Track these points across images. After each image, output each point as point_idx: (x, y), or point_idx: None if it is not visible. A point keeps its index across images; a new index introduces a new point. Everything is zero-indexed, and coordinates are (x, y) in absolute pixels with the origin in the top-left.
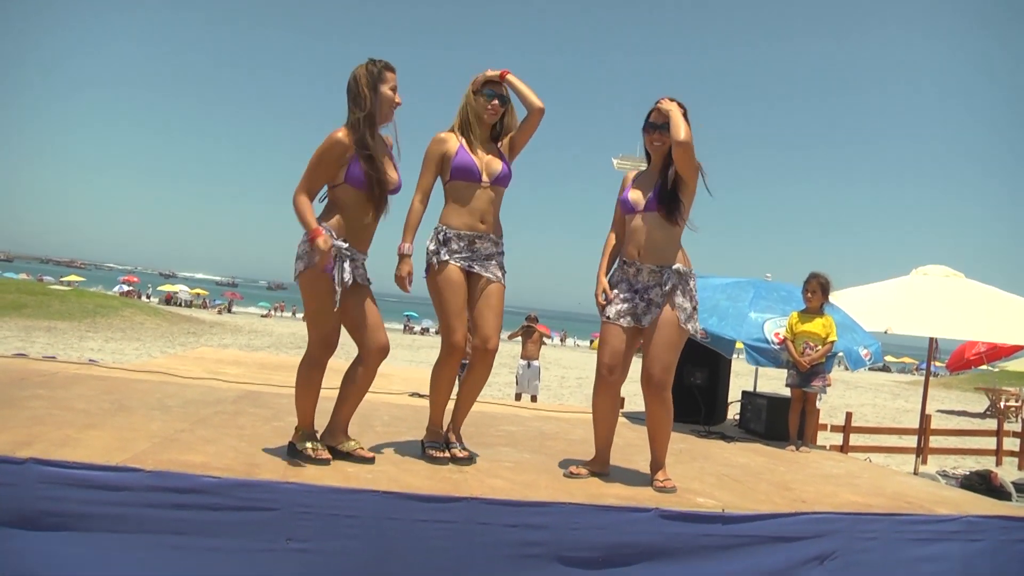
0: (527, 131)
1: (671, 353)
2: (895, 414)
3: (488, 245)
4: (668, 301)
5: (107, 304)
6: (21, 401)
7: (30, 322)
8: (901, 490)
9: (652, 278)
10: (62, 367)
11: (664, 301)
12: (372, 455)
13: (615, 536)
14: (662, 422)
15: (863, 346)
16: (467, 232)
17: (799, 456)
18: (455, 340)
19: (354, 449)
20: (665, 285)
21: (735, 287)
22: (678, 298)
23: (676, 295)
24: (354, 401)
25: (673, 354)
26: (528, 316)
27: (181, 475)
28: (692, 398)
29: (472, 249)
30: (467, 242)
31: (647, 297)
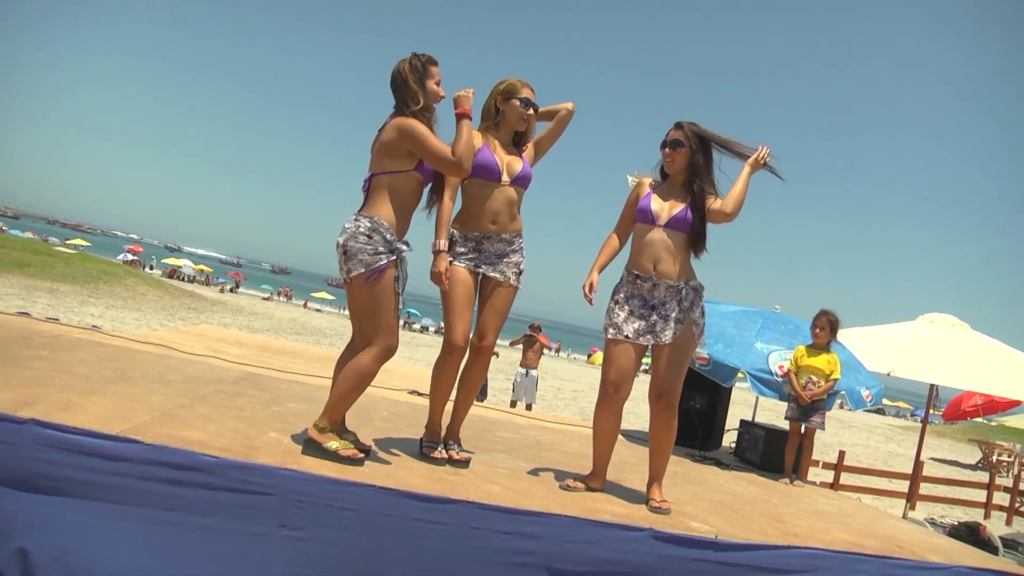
0: (556, 132)
1: (681, 369)
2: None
3: (500, 245)
4: (688, 318)
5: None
6: (24, 360)
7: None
8: (893, 533)
9: (669, 294)
10: (65, 330)
11: (684, 317)
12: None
13: (607, 552)
14: (666, 439)
15: (865, 387)
16: (474, 233)
17: (792, 489)
18: (453, 339)
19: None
20: (685, 301)
21: (743, 316)
22: (695, 315)
23: (693, 312)
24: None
25: (683, 370)
26: (531, 325)
27: (180, 451)
28: (690, 422)
29: (479, 250)
30: (474, 243)
31: (664, 313)
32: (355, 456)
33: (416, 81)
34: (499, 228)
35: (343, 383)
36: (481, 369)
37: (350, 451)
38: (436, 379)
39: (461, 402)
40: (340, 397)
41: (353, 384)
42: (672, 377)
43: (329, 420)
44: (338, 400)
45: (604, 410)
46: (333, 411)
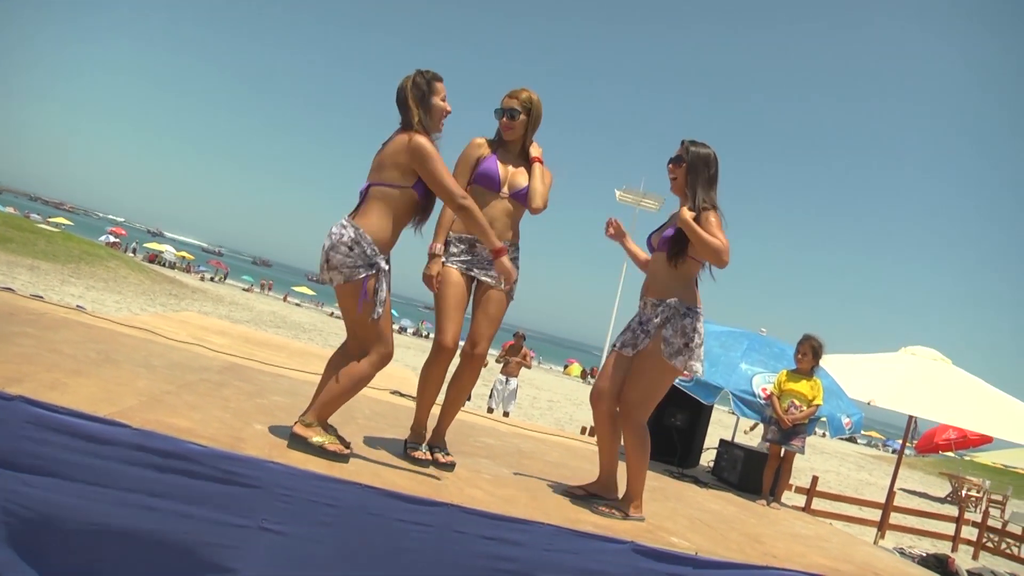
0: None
1: (646, 383)
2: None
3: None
4: (657, 333)
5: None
6: (10, 337)
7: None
8: (869, 560)
9: (652, 310)
10: (50, 308)
11: (655, 332)
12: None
13: (587, 563)
14: (631, 453)
15: (846, 415)
16: (468, 236)
17: (769, 512)
18: (442, 340)
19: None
20: (656, 317)
21: (729, 336)
22: (666, 331)
23: (665, 328)
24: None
25: (648, 384)
26: (515, 334)
27: (167, 438)
28: (669, 438)
29: (472, 252)
30: (467, 245)
31: (646, 328)
32: (341, 451)
33: (417, 100)
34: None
35: (338, 385)
36: (472, 376)
37: (336, 446)
38: (424, 380)
39: (449, 407)
40: (332, 399)
41: (347, 387)
42: (631, 389)
43: (316, 417)
44: (330, 401)
45: (595, 419)
46: (323, 410)
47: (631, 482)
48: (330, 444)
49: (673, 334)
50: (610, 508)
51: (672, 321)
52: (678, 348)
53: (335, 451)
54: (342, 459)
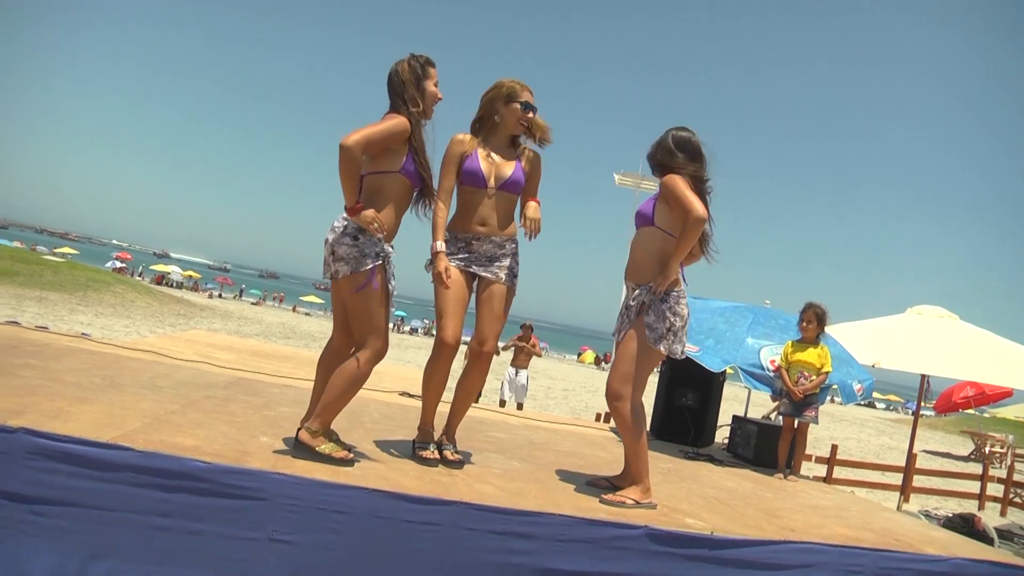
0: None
1: (630, 367)
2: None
3: (489, 247)
4: (638, 319)
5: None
6: (13, 369)
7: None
8: (889, 527)
9: (632, 295)
10: (55, 338)
11: (635, 319)
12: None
13: (601, 552)
14: (625, 438)
15: (857, 380)
16: (463, 233)
17: (787, 485)
18: (444, 337)
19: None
20: (634, 301)
21: (734, 311)
22: (648, 317)
23: (647, 315)
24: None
25: (632, 369)
26: (523, 324)
27: (171, 457)
28: (682, 419)
29: (469, 250)
30: (464, 243)
31: (629, 314)
32: (347, 458)
33: (414, 83)
34: (488, 231)
35: (335, 387)
36: (480, 374)
37: (342, 453)
38: (428, 379)
39: (459, 405)
40: (333, 401)
41: (345, 387)
42: (613, 376)
43: (321, 424)
44: (331, 404)
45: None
46: (325, 414)
47: (632, 467)
48: (336, 452)
49: (655, 319)
50: (619, 497)
51: (653, 306)
52: (661, 333)
53: (341, 458)
54: (348, 464)
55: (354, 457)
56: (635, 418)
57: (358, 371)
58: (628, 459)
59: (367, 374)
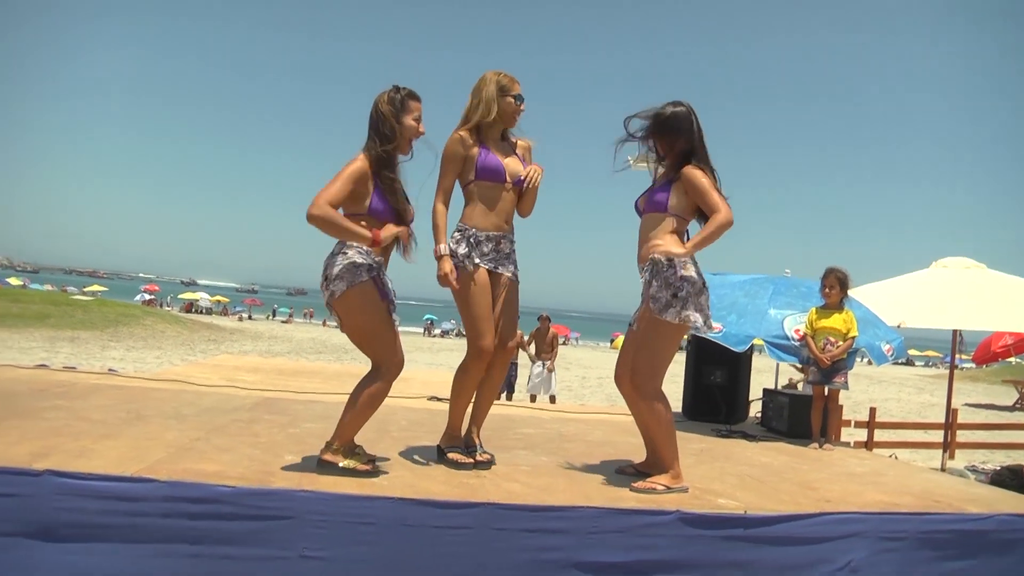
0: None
1: (648, 350)
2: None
3: (508, 245)
4: (645, 294)
5: (129, 313)
6: (40, 412)
7: (54, 332)
8: (929, 488)
9: (644, 276)
10: (82, 377)
11: (644, 295)
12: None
13: (635, 540)
14: (651, 425)
15: (885, 341)
16: (495, 233)
17: (823, 454)
18: (484, 344)
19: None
20: (642, 276)
21: (753, 284)
22: (652, 289)
23: (651, 286)
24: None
25: (650, 351)
26: (540, 316)
27: (195, 485)
28: (712, 397)
29: (498, 250)
30: (494, 243)
31: (642, 296)
32: (369, 470)
33: (392, 115)
34: (510, 228)
35: (353, 405)
36: (503, 371)
37: (364, 466)
38: (460, 384)
39: (483, 405)
40: (351, 420)
41: (363, 407)
42: (636, 360)
43: (341, 442)
44: (349, 423)
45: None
46: (345, 432)
47: (661, 454)
48: (357, 465)
49: (659, 288)
50: (649, 484)
51: (657, 277)
52: (666, 301)
53: (363, 471)
54: (371, 476)
55: (377, 469)
56: (661, 403)
57: (375, 389)
58: (656, 445)
59: (385, 392)
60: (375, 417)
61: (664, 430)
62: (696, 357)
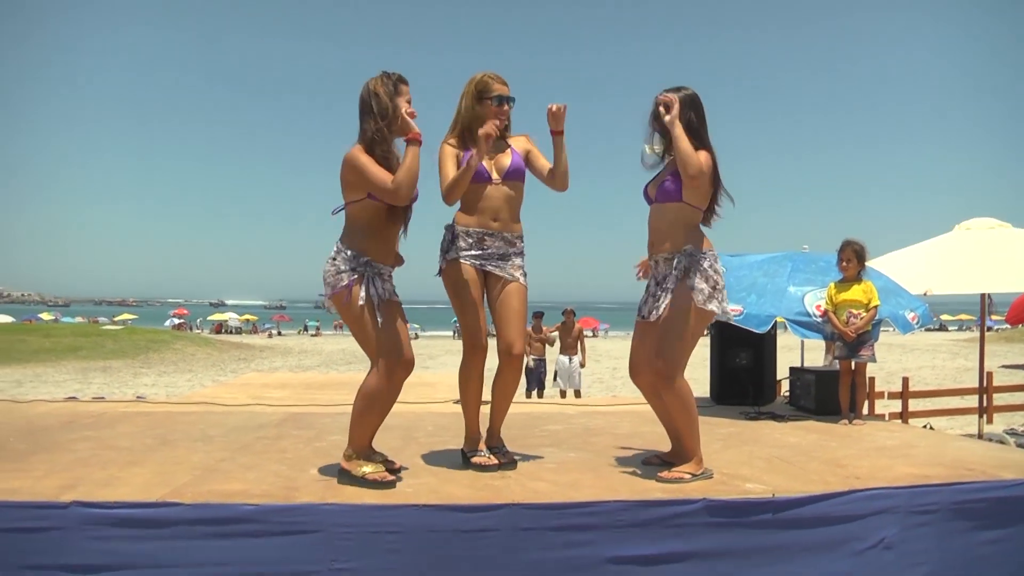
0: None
1: (679, 338)
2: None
3: (500, 244)
4: (679, 285)
5: (158, 339)
6: (68, 444)
7: (86, 363)
8: (961, 456)
9: (666, 266)
10: (110, 407)
11: (678, 285)
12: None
13: (663, 530)
14: (677, 414)
15: (909, 310)
16: (476, 229)
17: (852, 430)
18: (475, 340)
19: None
20: (675, 270)
21: (771, 262)
22: (691, 281)
23: (689, 279)
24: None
25: (682, 339)
26: (564, 311)
27: (220, 505)
28: (738, 380)
29: (482, 247)
30: (476, 239)
31: (665, 286)
32: (385, 479)
33: (388, 96)
34: (501, 226)
35: (355, 408)
36: (515, 376)
37: (379, 474)
38: (464, 384)
39: (498, 407)
40: (356, 424)
41: (363, 406)
42: (664, 349)
43: (355, 447)
44: (355, 426)
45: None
46: (356, 438)
47: (685, 442)
48: (372, 473)
49: (700, 280)
50: (676, 472)
51: (693, 268)
52: (709, 293)
53: (378, 479)
54: (388, 485)
55: (395, 478)
56: (685, 391)
57: (371, 388)
58: (680, 434)
59: (384, 390)
60: (401, 424)
61: (689, 417)
62: (720, 341)
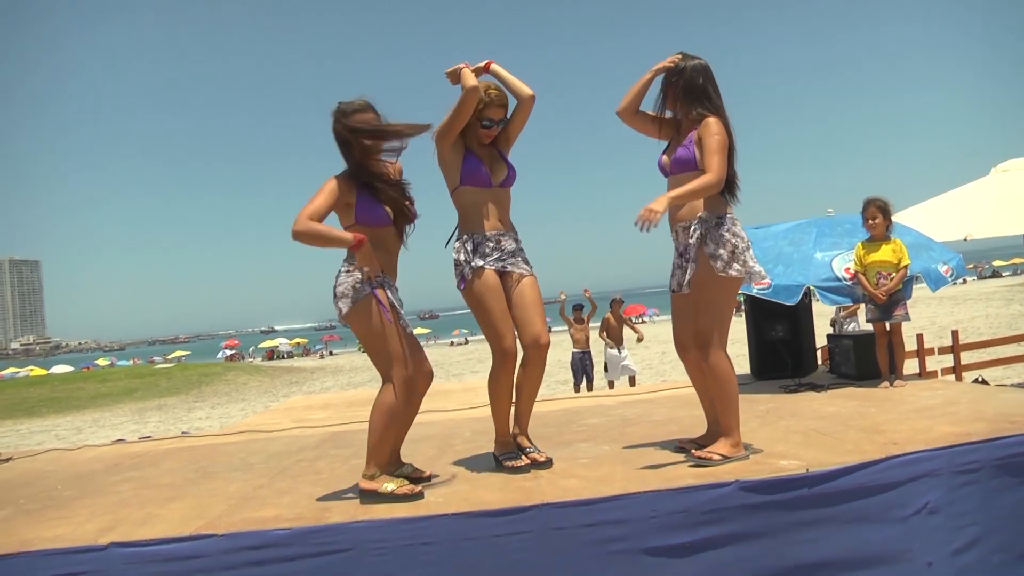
0: (520, 121)
1: (712, 308)
2: (1011, 320)
3: (510, 242)
4: (699, 254)
5: (210, 372)
6: (111, 487)
7: (141, 404)
8: (1004, 409)
9: (686, 235)
10: (155, 445)
11: (696, 255)
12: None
13: (698, 517)
14: (718, 389)
15: (942, 262)
16: (493, 232)
17: (893, 393)
18: (507, 346)
19: (410, 473)
20: (692, 239)
21: (795, 230)
22: (708, 248)
23: (706, 246)
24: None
25: (714, 309)
26: (612, 300)
27: (252, 533)
28: (776, 353)
29: (500, 248)
30: (495, 242)
31: (687, 256)
32: (412, 491)
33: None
34: (507, 227)
35: (374, 426)
36: (541, 366)
37: (406, 488)
38: (495, 390)
39: (525, 404)
40: (377, 441)
41: (384, 423)
42: (701, 322)
43: (376, 465)
44: (375, 444)
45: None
46: (374, 455)
47: (723, 420)
48: (400, 488)
49: (716, 247)
50: (707, 455)
51: (710, 235)
52: (728, 259)
53: (406, 493)
54: (415, 498)
55: (420, 489)
56: (727, 365)
57: (386, 405)
58: (719, 411)
59: (398, 404)
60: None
61: (724, 393)
62: (754, 315)
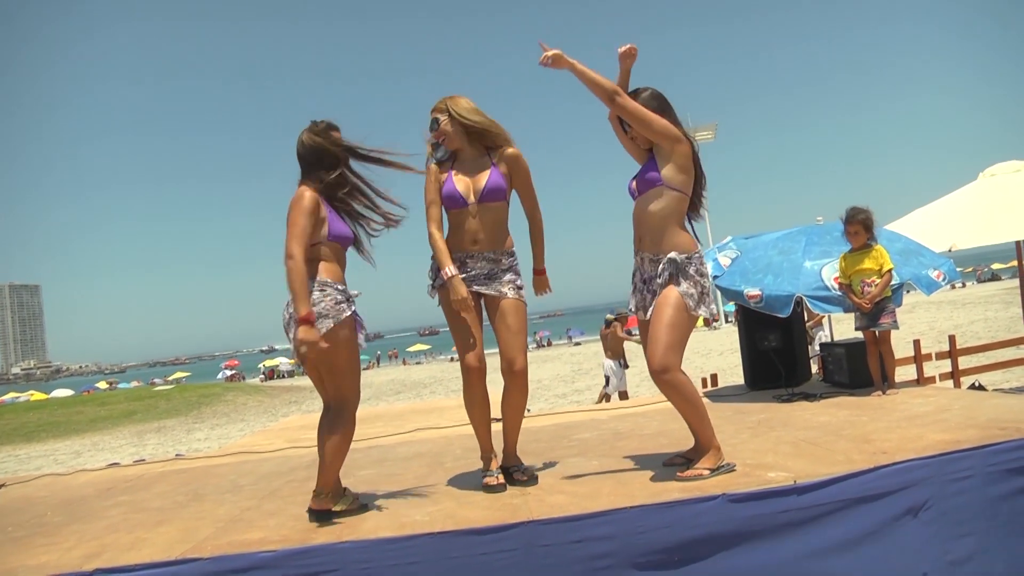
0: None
1: (669, 338)
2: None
3: (483, 264)
4: (665, 290)
5: (209, 393)
6: (102, 511)
7: (141, 426)
8: (996, 415)
9: (652, 268)
10: (148, 468)
11: (660, 291)
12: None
13: (685, 531)
14: (681, 409)
15: (933, 268)
16: (457, 252)
17: (885, 401)
18: (467, 362)
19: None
20: (660, 276)
21: (785, 239)
22: (681, 287)
23: (679, 284)
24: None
25: (671, 338)
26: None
27: (237, 556)
28: (769, 363)
29: (465, 269)
30: (459, 263)
31: (652, 288)
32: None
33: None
34: (481, 247)
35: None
36: (522, 393)
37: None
38: (469, 406)
39: (510, 426)
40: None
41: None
42: (655, 348)
43: (328, 488)
44: (330, 467)
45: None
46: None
47: (700, 436)
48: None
49: (689, 286)
50: (694, 470)
51: (682, 275)
52: (698, 299)
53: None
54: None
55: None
56: (685, 385)
57: (345, 430)
58: (693, 429)
59: (353, 430)
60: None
61: (692, 407)
62: (747, 325)
